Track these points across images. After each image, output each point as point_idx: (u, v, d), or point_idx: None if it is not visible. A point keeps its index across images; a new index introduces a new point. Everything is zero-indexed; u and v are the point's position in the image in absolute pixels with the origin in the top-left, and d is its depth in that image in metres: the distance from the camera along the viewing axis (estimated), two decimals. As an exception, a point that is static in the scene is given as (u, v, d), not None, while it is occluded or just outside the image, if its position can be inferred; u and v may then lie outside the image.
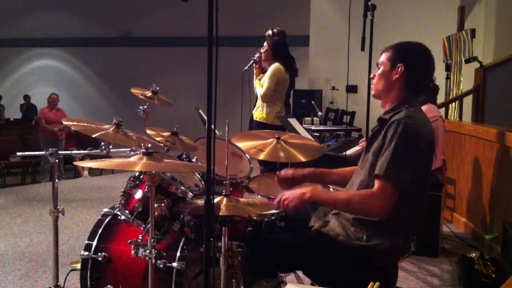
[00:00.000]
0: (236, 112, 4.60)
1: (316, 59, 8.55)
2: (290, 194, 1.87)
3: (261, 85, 4.31)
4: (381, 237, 1.83)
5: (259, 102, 4.41)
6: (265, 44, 4.46)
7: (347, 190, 1.97)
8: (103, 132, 2.16)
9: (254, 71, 4.57)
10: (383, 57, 1.97)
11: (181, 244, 2.14)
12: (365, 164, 1.91)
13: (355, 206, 1.81)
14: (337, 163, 2.40)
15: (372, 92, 2.03)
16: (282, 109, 4.41)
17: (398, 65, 1.91)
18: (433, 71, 1.97)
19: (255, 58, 4.48)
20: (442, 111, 5.62)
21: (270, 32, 4.70)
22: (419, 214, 1.91)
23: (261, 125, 4.27)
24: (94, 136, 2.13)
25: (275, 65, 4.27)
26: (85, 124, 2.24)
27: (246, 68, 4.54)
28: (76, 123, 2.24)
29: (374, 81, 1.99)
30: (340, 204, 1.86)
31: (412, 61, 1.92)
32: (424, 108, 3.67)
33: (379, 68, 1.98)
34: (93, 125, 2.24)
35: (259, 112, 4.36)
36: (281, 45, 4.41)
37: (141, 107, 2.71)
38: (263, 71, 4.52)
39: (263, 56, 4.42)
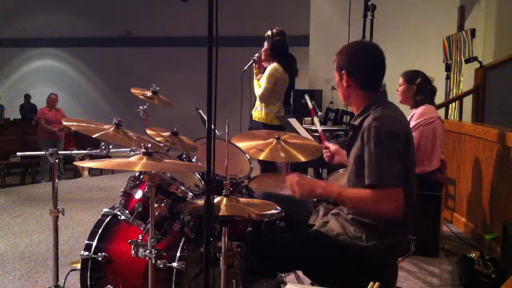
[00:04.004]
0: (236, 112, 4.60)
1: (316, 59, 8.55)
2: (303, 183, 1.89)
3: (259, 85, 4.32)
4: (380, 236, 1.83)
5: (257, 102, 4.42)
6: (265, 44, 4.46)
7: (358, 189, 1.91)
8: (103, 132, 2.16)
9: (254, 71, 4.58)
10: (334, 67, 1.99)
11: (181, 244, 2.14)
12: (348, 172, 1.93)
13: (367, 206, 1.80)
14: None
15: (341, 101, 2.05)
16: (280, 108, 4.41)
17: (342, 72, 1.92)
18: (380, 63, 1.93)
19: (254, 58, 4.48)
20: (442, 111, 5.62)
21: (269, 32, 4.70)
22: (414, 212, 1.91)
23: (258, 125, 4.28)
24: (94, 136, 2.13)
25: (273, 65, 4.27)
26: (84, 124, 2.24)
27: (245, 68, 4.54)
28: (76, 123, 2.24)
29: None
30: (340, 199, 1.84)
31: (350, 65, 1.92)
32: (422, 109, 3.68)
33: None
34: (93, 125, 2.24)
35: (258, 112, 4.37)
36: (280, 45, 4.41)
37: (141, 107, 2.72)
38: (263, 71, 4.52)
39: (262, 55, 4.42)
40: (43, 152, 2.35)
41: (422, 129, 3.57)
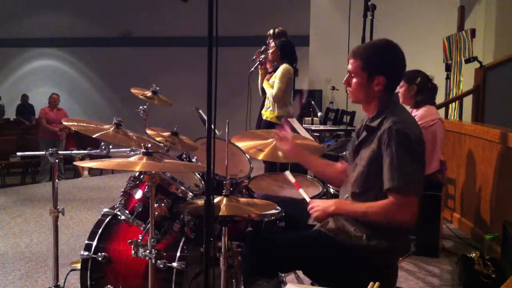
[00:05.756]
0: (236, 112, 4.60)
1: (316, 59, 8.56)
2: (318, 205, 1.94)
3: (270, 85, 4.31)
4: (380, 236, 1.83)
5: (268, 102, 4.40)
6: (271, 44, 4.45)
7: (368, 202, 1.89)
8: (103, 132, 2.16)
9: (259, 72, 4.58)
10: (355, 66, 1.91)
11: (181, 244, 2.14)
12: (357, 173, 1.91)
13: (383, 219, 1.80)
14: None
15: (351, 99, 2.00)
16: (290, 109, 4.43)
17: (378, 77, 1.87)
18: (405, 65, 1.92)
19: (260, 59, 4.48)
20: (442, 111, 5.62)
21: (271, 31, 4.70)
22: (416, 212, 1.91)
23: (270, 125, 4.27)
24: (94, 136, 2.13)
25: (285, 66, 4.27)
26: (85, 124, 2.24)
27: (252, 69, 4.54)
28: (76, 123, 2.24)
29: (351, 89, 1.95)
30: (367, 217, 1.83)
31: (390, 69, 1.89)
32: (423, 110, 3.67)
33: (352, 76, 1.93)
34: (93, 125, 2.24)
35: (269, 112, 4.36)
36: (289, 46, 4.42)
37: (141, 107, 2.71)
38: (267, 71, 4.53)
39: (270, 57, 4.42)
40: (43, 152, 2.35)
41: (422, 132, 3.56)
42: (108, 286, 2.19)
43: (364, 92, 1.92)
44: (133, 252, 1.90)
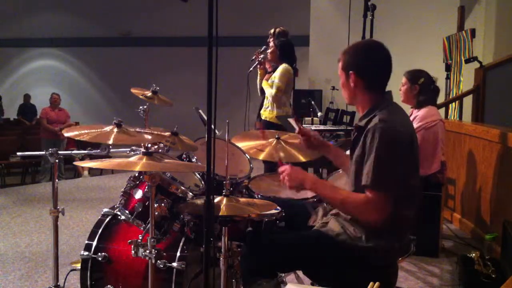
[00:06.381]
0: (236, 112, 4.59)
1: (316, 59, 8.56)
2: (293, 174, 1.93)
3: (270, 85, 4.30)
4: (379, 237, 1.83)
5: (267, 102, 4.40)
6: (271, 44, 4.45)
7: (345, 190, 1.96)
8: (105, 134, 2.14)
9: (258, 72, 4.58)
10: (339, 67, 1.97)
11: (181, 244, 2.14)
12: (351, 172, 1.92)
13: (350, 210, 1.85)
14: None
15: (345, 101, 2.03)
16: (290, 108, 4.43)
17: (349, 72, 1.90)
18: (389, 63, 1.92)
19: (260, 59, 4.48)
20: (442, 111, 5.63)
21: (272, 30, 4.70)
22: (414, 212, 1.91)
23: (270, 125, 4.26)
24: (97, 140, 2.12)
25: (285, 66, 4.27)
26: (86, 131, 2.21)
27: (251, 69, 4.54)
28: (77, 133, 2.20)
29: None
30: (335, 203, 1.89)
31: (360, 65, 1.90)
32: (424, 111, 3.67)
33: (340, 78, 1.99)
34: (94, 130, 2.22)
35: (268, 112, 4.36)
36: (288, 46, 4.42)
37: (141, 107, 2.71)
38: (266, 71, 4.53)
39: (269, 57, 4.41)
40: (43, 152, 2.35)
41: (423, 133, 3.55)
42: (108, 286, 2.19)
43: (347, 91, 1.96)
44: (133, 252, 1.90)
